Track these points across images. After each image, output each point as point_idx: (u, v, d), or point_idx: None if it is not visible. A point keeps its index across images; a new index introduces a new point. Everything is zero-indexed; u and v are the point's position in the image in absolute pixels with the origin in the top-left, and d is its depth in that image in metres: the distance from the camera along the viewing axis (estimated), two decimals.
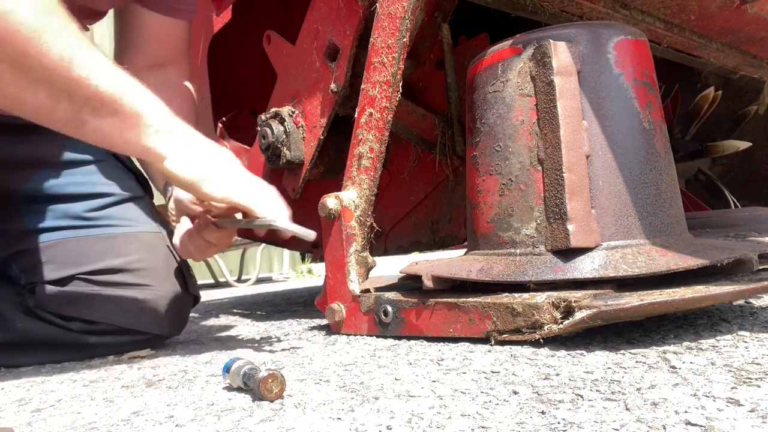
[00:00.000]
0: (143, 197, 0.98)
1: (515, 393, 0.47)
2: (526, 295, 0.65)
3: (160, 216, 1.00)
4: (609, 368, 0.52)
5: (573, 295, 0.60)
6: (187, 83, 1.03)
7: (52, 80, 0.63)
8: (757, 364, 0.49)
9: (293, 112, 0.98)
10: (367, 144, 0.81)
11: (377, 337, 0.80)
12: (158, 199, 1.02)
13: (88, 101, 0.66)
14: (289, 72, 1.00)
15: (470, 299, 0.68)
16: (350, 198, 0.82)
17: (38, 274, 0.87)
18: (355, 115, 0.82)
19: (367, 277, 0.84)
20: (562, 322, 0.60)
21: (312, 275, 4.57)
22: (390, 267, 1.40)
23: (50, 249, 0.88)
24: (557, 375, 0.51)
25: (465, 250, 0.83)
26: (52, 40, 0.62)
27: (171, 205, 0.86)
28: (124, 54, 1.00)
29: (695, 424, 0.36)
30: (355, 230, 0.82)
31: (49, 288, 0.86)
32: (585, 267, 0.64)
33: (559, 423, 0.39)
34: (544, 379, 0.50)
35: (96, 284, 0.87)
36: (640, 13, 1.02)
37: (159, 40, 0.99)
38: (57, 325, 0.85)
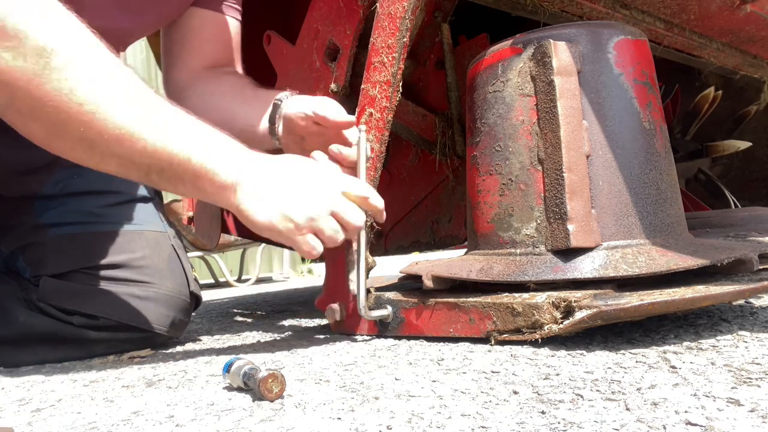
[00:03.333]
0: (153, 198, 0.99)
1: (515, 393, 0.47)
2: (526, 295, 0.65)
3: (167, 217, 1.00)
4: (609, 368, 0.52)
5: (573, 295, 0.60)
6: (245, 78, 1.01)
7: (114, 153, 0.64)
8: (757, 364, 0.49)
9: None
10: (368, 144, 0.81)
11: (377, 336, 0.80)
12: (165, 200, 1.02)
13: (151, 168, 0.66)
14: (289, 72, 1.00)
15: (470, 299, 0.68)
16: None
17: (43, 268, 0.88)
18: (355, 115, 0.82)
19: (367, 277, 0.84)
20: (562, 322, 0.60)
21: (312, 275, 4.57)
22: (390, 267, 1.40)
23: (57, 243, 0.89)
24: (557, 375, 0.51)
25: (465, 250, 0.83)
26: (109, 114, 0.62)
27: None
28: (175, 60, 0.99)
29: (695, 424, 0.36)
30: None
31: (52, 281, 0.86)
32: (585, 267, 0.64)
33: (559, 423, 0.39)
34: (544, 379, 0.50)
35: (99, 279, 0.87)
36: (640, 12, 1.02)
37: (212, 39, 0.97)
38: (58, 319, 0.85)
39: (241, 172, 0.69)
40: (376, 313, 0.77)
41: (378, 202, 0.75)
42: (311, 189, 0.71)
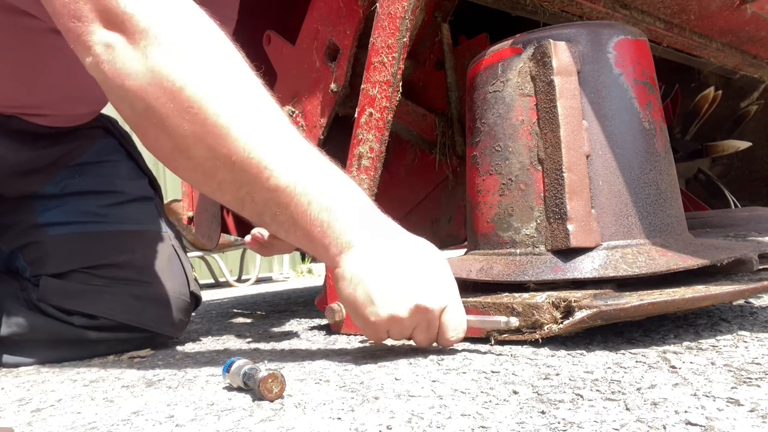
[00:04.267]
0: (153, 198, 0.99)
1: (515, 393, 0.47)
2: (526, 295, 0.65)
3: (167, 217, 1.00)
4: (609, 368, 0.52)
5: (573, 295, 0.60)
6: None
7: (234, 186, 0.59)
8: (757, 363, 0.49)
9: (293, 112, 0.98)
10: (367, 144, 0.81)
11: None
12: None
13: (267, 206, 0.59)
14: (289, 72, 1.00)
15: (470, 299, 0.68)
16: None
17: (43, 267, 0.88)
18: (355, 115, 0.82)
19: None
20: (562, 322, 0.60)
21: (312, 275, 4.57)
22: None
23: (57, 242, 0.89)
24: (557, 375, 0.51)
25: (465, 250, 0.83)
26: (243, 135, 0.56)
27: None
28: None
29: (695, 424, 0.36)
30: None
31: (52, 281, 0.87)
32: (585, 267, 0.64)
33: (559, 423, 0.39)
34: (544, 378, 0.50)
35: (99, 279, 0.87)
36: (640, 12, 1.02)
37: None
38: (58, 319, 0.85)
39: (356, 237, 0.60)
40: None
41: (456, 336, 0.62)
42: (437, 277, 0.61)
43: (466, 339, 0.70)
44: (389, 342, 0.68)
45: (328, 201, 0.59)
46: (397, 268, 0.59)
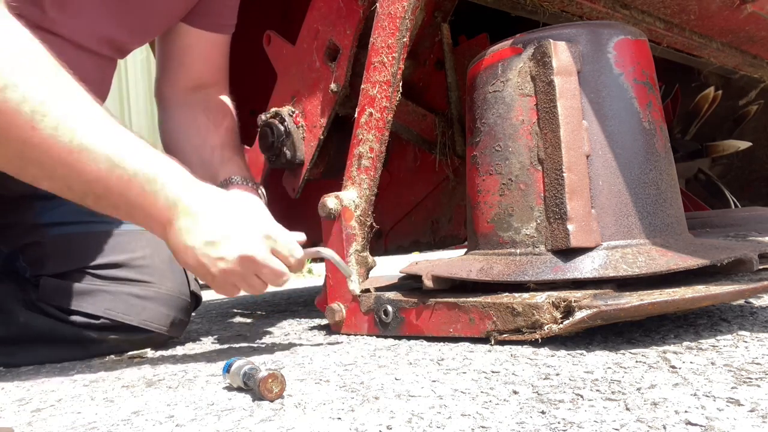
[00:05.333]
0: None
1: (515, 393, 0.47)
2: (526, 295, 0.65)
3: None
4: (609, 368, 0.52)
5: (573, 295, 0.60)
6: (227, 99, 1.02)
7: (47, 179, 0.64)
8: (757, 363, 0.49)
9: (293, 112, 0.98)
10: (367, 144, 0.81)
11: (377, 337, 0.80)
12: None
13: (86, 195, 0.65)
14: (289, 72, 1.00)
15: (470, 299, 0.68)
16: (350, 198, 0.82)
17: (43, 267, 0.88)
18: (355, 115, 0.82)
19: (367, 277, 0.84)
20: (562, 322, 0.60)
21: (312, 275, 4.57)
22: (390, 267, 1.40)
23: (57, 242, 0.89)
24: (557, 375, 0.51)
25: (465, 250, 0.83)
26: (44, 134, 0.60)
27: None
28: (166, 73, 1.00)
29: (695, 424, 0.36)
30: (355, 230, 0.82)
31: (53, 281, 0.87)
32: (585, 267, 0.64)
33: (559, 423, 0.39)
34: (544, 378, 0.50)
35: (99, 279, 0.87)
36: (640, 12, 1.02)
37: (203, 56, 0.99)
38: (58, 319, 0.85)
39: (180, 197, 0.68)
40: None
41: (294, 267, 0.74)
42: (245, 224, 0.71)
43: (466, 339, 0.70)
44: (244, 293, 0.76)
45: (150, 173, 0.65)
46: (216, 228, 0.68)
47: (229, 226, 0.69)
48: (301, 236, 0.77)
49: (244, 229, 0.70)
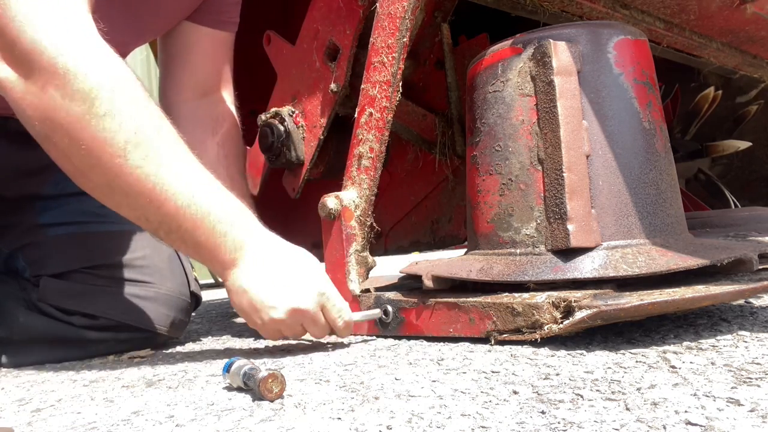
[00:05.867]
0: None
1: (515, 393, 0.47)
2: (526, 295, 0.65)
3: None
4: (609, 368, 0.52)
5: (573, 295, 0.60)
6: (232, 107, 1.03)
7: (129, 208, 0.67)
8: (757, 363, 0.49)
9: (293, 112, 0.98)
10: (367, 144, 0.81)
11: (377, 336, 0.80)
12: None
13: (160, 227, 0.67)
14: (289, 72, 1.00)
15: (470, 299, 0.68)
16: (350, 198, 0.82)
17: (43, 268, 0.88)
18: (355, 115, 0.82)
19: (367, 277, 0.84)
20: (562, 322, 0.60)
21: None
22: (390, 267, 1.40)
23: (58, 242, 0.89)
24: (557, 375, 0.51)
25: (465, 250, 0.83)
26: (133, 168, 0.62)
27: None
28: (170, 76, 1.00)
29: (695, 424, 0.36)
30: (355, 230, 0.82)
31: (53, 281, 0.87)
32: (585, 267, 0.64)
33: (559, 423, 0.39)
34: (544, 378, 0.50)
35: (99, 279, 0.87)
36: (640, 12, 1.02)
37: (207, 54, 0.99)
38: (58, 320, 0.85)
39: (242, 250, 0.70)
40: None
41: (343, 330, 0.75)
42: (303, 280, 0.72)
43: (466, 339, 0.70)
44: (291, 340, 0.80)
45: (221, 214, 0.68)
46: (274, 277, 0.70)
47: (287, 276, 0.71)
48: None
49: (300, 282, 0.71)
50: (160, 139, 0.65)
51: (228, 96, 1.03)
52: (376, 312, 0.77)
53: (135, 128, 0.62)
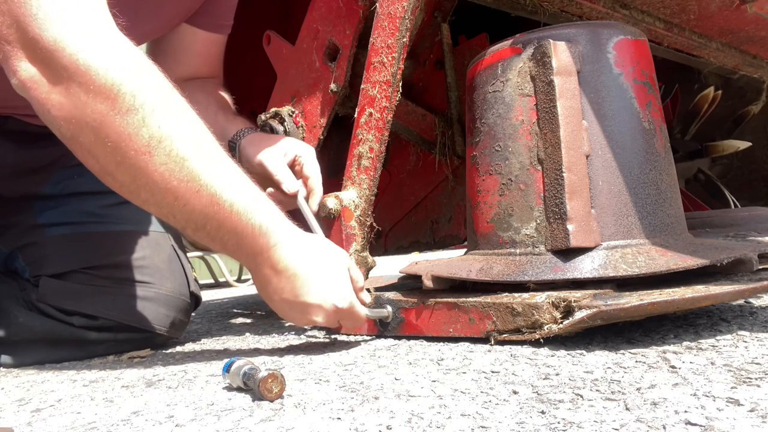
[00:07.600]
0: None
1: (515, 393, 0.47)
2: (526, 295, 0.65)
3: None
4: (609, 368, 0.52)
5: (573, 295, 0.60)
6: (224, 93, 1.02)
7: (156, 206, 0.65)
8: (757, 363, 0.49)
9: (293, 112, 0.98)
10: (367, 144, 0.81)
11: (377, 336, 0.80)
12: None
13: (187, 224, 0.66)
14: (289, 72, 1.00)
15: (470, 299, 0.68)
16: (350, 198, 0.82)
17: (43, 268, 0.87)
18: (355, 115, 0.82)
19: (367, 277, 0.84)
20: (562, 322, 0.60)
21: None
22: (390, 267, 1.40)
23: (57, 243, 0.89)
24: (557, 375, 0.51)
25: (465, 250, 0.83)
26: (159, 166, 0.61)
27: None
28: (161, 65, 0.99)
29: (695, 424, 0.36)
30: (355, 230, 0.82)
31: (52, 281, 0.86)
32: (585, 267, 0.64)
33: (559, 423, 0.39)
34: (544, 378, 0.50)
35: (99, 279, 0.87)
36: (640, 12, 1.02)
37: (200, 55, 0.98)
38: (58, 320, 0.85)
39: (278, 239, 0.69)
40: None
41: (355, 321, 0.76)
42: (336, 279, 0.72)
43: (466, 339, 0.70)
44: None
45: (246, 205, 0.66)
46: (320, 268, 0.70)
47: (330, 270, 0.71)
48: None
49: (341, 277, 0.71)
50: (185, 130, 0.63)
51: (218, 82, 1.03)
52: (385, 311, 0.77)
53: (158, 122, 0.61)
